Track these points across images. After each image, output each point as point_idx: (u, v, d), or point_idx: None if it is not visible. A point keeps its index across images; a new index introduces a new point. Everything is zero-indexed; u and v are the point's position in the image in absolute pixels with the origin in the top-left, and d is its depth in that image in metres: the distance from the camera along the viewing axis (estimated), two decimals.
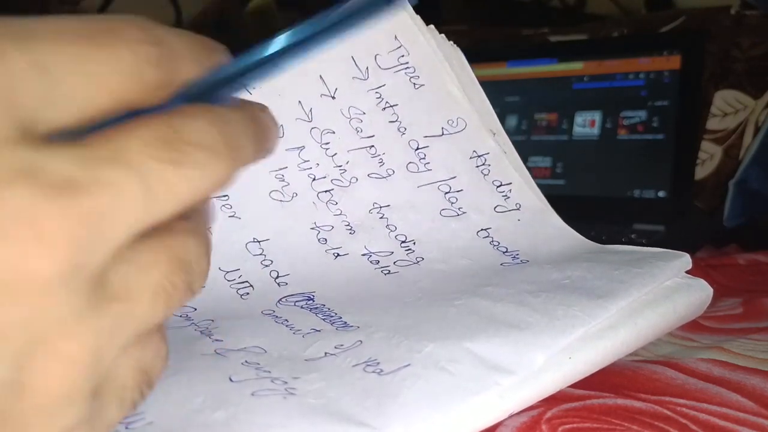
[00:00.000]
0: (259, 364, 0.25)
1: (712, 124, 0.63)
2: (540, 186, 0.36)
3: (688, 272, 0.31)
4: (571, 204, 0.62)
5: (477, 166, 0.34)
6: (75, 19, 0.14)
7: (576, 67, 0.65)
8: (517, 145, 0.35)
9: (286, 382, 0.23)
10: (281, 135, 0.33)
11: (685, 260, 0.30)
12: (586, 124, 0.63)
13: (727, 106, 0.62)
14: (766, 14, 0.63)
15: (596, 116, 0.63)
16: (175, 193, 0.14)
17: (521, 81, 0.68)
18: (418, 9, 0.34)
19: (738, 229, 0.59)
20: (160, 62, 0.14)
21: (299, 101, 0.33)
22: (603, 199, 0.61)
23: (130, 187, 0.13)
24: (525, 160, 0.65)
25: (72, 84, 0.13)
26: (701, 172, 0.62)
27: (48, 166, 0.12)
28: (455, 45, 0.35)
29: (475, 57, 0.72)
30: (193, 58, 0.15)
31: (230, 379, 0.24)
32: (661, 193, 0.59)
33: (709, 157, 0.62)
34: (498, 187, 0.34)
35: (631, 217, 0.58)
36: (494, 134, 0.35)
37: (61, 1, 1.03)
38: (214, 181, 0.14)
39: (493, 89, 0.69)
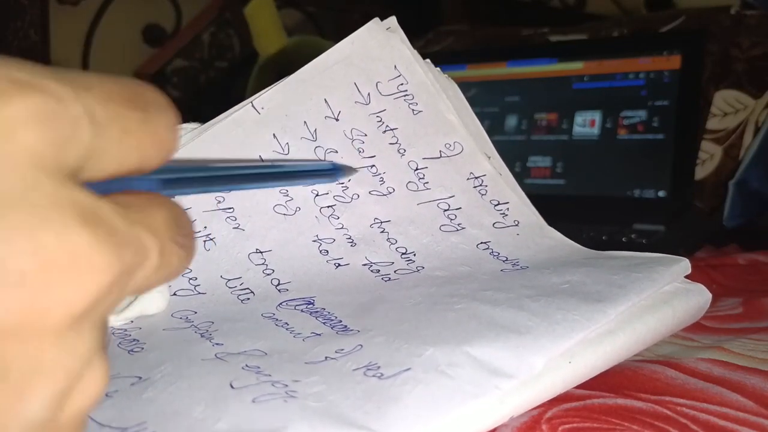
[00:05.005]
0: (259, 367, 0.25)
1: (712, 124, 0.63)
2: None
3: (687, 275, 0.31)
4: (571, 204, 0.62)
5: (474, 187, 0.36)
6: (115, 80, 0.15)
7: (576, 67, 0.65)
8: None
9: (286, 385, 0.24)
10: (287, 153, 0.34)
11: (684, 265, 0.30)
12: (586, 123, 0.63)
13: (727, 106, 0.62)
14: (766, 14, 0.63)
15: (596, 116, 0.63)
16: (175, 269, 0.15)
17: (521, 81, 0.68)
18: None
19: (738, 229, 0.59)
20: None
21: (305, 122, 0.34)
22: (603, 199, 0.61)
23: (154, 256, 0.14)
24: (525, 160, 0.65)
25: (116, 138, 0.14)
26: (701, 172, 0.62)
27: (105, 215, 0.13)
28: (450, 78, 0.37)
29: (475, 57, 0.72)
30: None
31: (231, 386, 0.24)
32: (661, 193, 0.59)
33: (709, 157, 0.62)
34: (496, 206, 0.36)
35: (631, 217, 0.58)
36: (489, 158, 0.37)
37: (61, 1, 1.03)
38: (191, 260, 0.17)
39: (493, 89, 0.69)
